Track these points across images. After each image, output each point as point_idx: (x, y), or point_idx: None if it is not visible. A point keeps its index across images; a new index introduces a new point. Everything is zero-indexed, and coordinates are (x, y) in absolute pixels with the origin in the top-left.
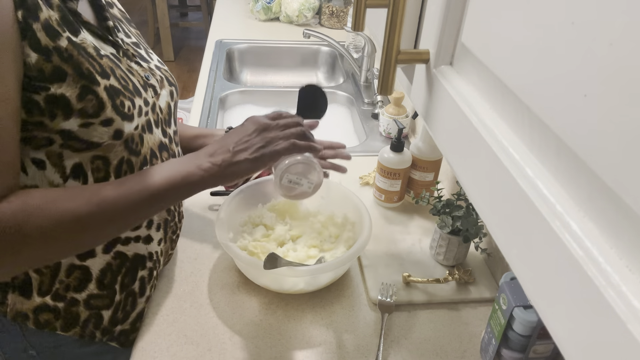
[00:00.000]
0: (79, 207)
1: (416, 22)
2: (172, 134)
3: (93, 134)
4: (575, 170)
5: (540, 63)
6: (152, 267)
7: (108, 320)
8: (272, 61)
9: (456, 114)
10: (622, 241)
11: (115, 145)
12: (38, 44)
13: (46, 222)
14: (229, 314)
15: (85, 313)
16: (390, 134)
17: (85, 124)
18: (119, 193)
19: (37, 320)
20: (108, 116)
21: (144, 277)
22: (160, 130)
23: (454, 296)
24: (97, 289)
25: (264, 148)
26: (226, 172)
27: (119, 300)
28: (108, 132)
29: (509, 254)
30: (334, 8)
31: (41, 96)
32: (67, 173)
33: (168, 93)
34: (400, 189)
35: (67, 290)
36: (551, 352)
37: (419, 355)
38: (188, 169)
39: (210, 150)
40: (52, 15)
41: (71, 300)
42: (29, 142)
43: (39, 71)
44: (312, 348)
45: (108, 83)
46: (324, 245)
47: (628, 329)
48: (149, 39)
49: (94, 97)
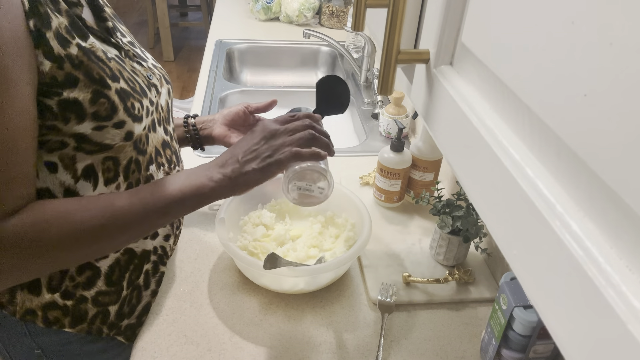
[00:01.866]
0: (92, 218)
1: (416, 22)
2: (171, 131)
3: (106, 136)
4: (576, 170)
5: (541, 63)
6: (156, 261)
7: (114, 315)
8: (272, 61)
9: (456, 114)
10: (622, 241)
11: (126, 146)
12: (51, 52)
13: (59, 236)
14: (229, 314)
15: (93, 310)
16: (390, 134)
17: (98, 127)
18: (132, 204)
19: (45, 318)
20: (120, 119)
21: (149, 270)
22: (162, 129)
23: (454, 296)
24: (106, 285)
25: (270, 157)
26: (237, 182)
27: (125, 295)
28: (120, 134)
29: (509, 254)
30: (334, 8)
31: (54, 101)
32: (79, 174)
33: (166, 91)
34: (400, 189)
35: (76, 288)
36: (551, 352)
37: (419, 355)
38: (200, 181)
39: (221, 161)
40: (61, 23)
41: (80, 298)
42: (43, 146)
43: (52, 78)
44: (312, 348)
45: (119, 86)
46: (324, 245)
47: (628, 329)
48: (149, 39)
49: (106, 100)
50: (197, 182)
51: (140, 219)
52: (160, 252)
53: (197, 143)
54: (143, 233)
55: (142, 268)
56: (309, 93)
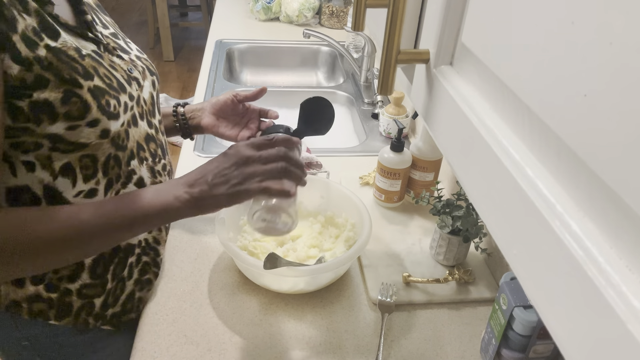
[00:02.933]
0: (54, 230)
1: (416, 22)
2: (157, 124)
3: (80, 135)
4: (576, 170)
5: (540, 63)
6: (140, 253)
7: (99, 306)
8: (272, 61)
9: (456, 114)
10: (622, 241)
11: (103, 143)
12: (18, 56)
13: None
14: (229, 314)
15: (78, 302)
16: (390, 134)
17: (71, 127)
18: (97, 217)
19: (30, 310)
20: (94, 117)
21: (132, 262)
22: (146, 122)
23: (454, 296)
24: (90, 278)
25: (240, 185)
26: (203, 204)
27: (110, 287)
28: (95, 133)
29: (509, 254)
30: (334, 8)
31: (25, 102)
32: (57, 172)
33: (150, 83)
34: (400, 189)
35: (60, 280)
36: (551, 352)
37: (419, 355)
38: (167, 200)
39: (190, 180)
40: (29, 25)
41: (64, 291)
42: (18, 147)
43: (21, 81)
44: (312, 348)
45: (92, 84)
46: (324, 245)
47: (628, 329)
48: (149, 39)
49: (78, 99)
50: (163, 201)
51: (104, 233)
52: (144, 245)
53: (186, 133)
54: (108, 246)
55: (127, 261)
56: (309, 93)
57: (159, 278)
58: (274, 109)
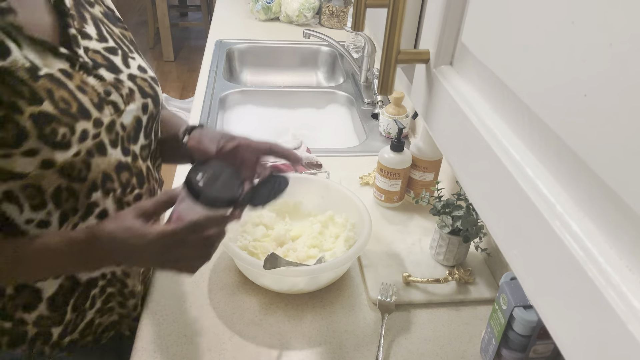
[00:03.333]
0: None
1: (416, 22)
2: (137, 150)
3: (14, 165)
4: (576, 170)
5: (540, 63)
6: (104, 285)
7: (57, 336)
8: (272, 61)
9: (456, 114)
10: (622, 241)
11: (46, 174)
12: None
13: None
14: (229, 314)
15: (33, 330)
16: (390, 134)
17: (4, 155)
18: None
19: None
20: (32, 146)
21: (95, 294)
22: (120, 150)
23: (454, 296)
24: (48, 310)
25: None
26: None
27: (69, 319)
28: (33, 163)
29: (509, 254)
30: (334, 8)
31: None
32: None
33: (139, 107)
34: (400, 189)
35: (15, 309)
36: (551, 352)
37: (419, 355)
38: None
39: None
40: None
41: (19, 320)
42: None
43: None
44: (312, 348)
45: (37, 110)
46: (324, 245)
47: (628, 329)
48: (149, 39)
49: (14, 126)
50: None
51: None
52: (109, 277)
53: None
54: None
55: (89, 293)
56: (309, 93)
57: (159, 278)
58: (274, 109)
